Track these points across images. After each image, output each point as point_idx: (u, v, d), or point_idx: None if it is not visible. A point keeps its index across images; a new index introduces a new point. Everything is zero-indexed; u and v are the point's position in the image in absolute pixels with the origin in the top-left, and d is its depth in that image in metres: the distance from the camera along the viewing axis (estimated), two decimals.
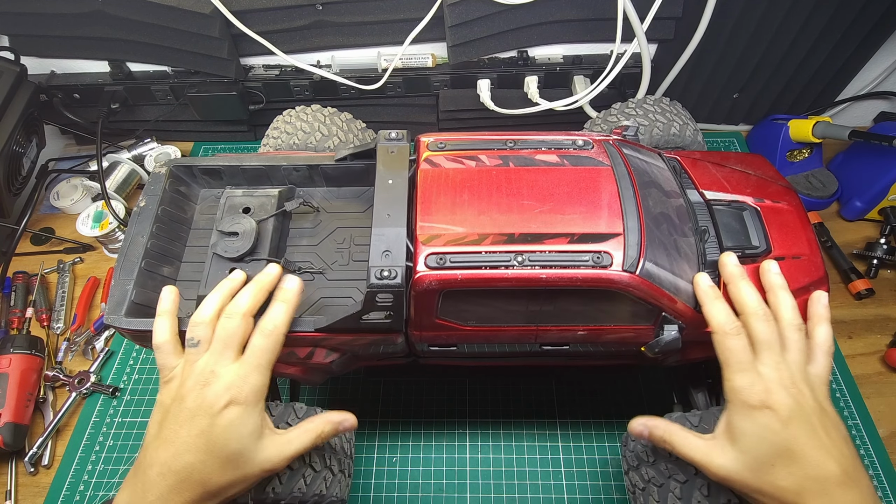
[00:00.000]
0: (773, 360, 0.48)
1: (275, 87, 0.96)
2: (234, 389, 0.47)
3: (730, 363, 0.49)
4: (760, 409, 0.46)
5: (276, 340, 0.49)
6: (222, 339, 0.49)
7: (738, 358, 0.48)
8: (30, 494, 0.71)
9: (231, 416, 0.46)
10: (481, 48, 0.90)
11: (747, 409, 0.47)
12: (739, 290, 0.52)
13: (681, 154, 0.66)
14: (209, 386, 0.47)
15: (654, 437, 0.52)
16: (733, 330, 0.49)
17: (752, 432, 0.46)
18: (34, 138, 0.94)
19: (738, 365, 0.48)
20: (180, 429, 0.46)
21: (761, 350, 0.49)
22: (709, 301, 0.52)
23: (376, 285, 0.49)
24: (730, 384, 0.48)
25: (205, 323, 0.50)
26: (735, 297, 0.52)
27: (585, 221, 0.51)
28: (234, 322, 0.49)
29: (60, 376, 0.78)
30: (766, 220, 0.60)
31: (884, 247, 0.86)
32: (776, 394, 0.46)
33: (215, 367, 0.48)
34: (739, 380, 0.48)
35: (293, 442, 0.49)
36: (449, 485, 0.69)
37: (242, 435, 0.47)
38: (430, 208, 0.52)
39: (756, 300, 0.51)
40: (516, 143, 0.57)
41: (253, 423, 0.47)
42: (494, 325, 0.54)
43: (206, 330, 0.49)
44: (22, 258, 0.92)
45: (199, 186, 0.65)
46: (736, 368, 0.48)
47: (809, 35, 0.86)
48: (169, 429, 0.47)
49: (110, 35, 0.89)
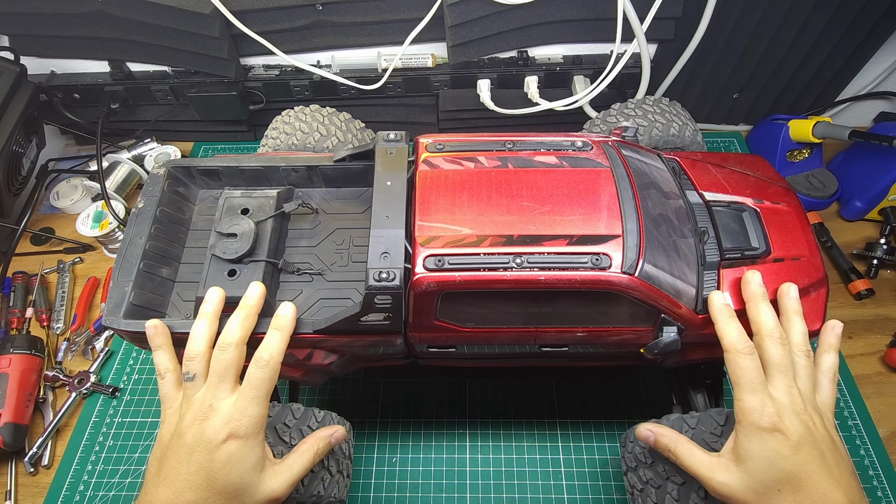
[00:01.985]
0: (785, 384, 0.48)
1: (275, 87, 0.96)
2: (232, 423, 0.46)
3: (741, 383, 0.48)
4: (771, 432, 0.45)
5: (272, 370, 0.49)
6: (218, 373, 0.48)
7: (749, 378, 0.47)
8: (30, 494, 0.71)
9: (231, 450, 0.46)
10: (481, 48, 0.90)
11: (757, 430, 0.46)
12: (759, 311, 0.51)
13: (680, 155, 0.66)
14: (208, 420, 0.47)
15: (659, 445, 0.52)
16: (746, 349, 0.48)
17: (760, 455, 0.45)
18: (34, 138, 0.94)
19: (750, 385, 0.47)
20: (180, 466, 0.46)
21: (774, 373, 0.48)
22: (723, 319, 0.51)
23: (375, 287, 0.49)
24: (740, 404, 0.47)
25: (199, 355, 0.49)
26: (753, 317, 0.51)
27: (584, 223, 0.51)
28: (228, 354, 0.48)
29: (60, 376, 0.78)
30: (766, 221, 0.60)
31: (884, 247, 0.86)
32: (788, 418, 0.46)
33: (213, 401, 0.47)
34: (751, 400, 0.47)
35: (294, 467, 0.50)
36: (449, 485, 0.70)
37: (244, 469, 0.46)
38: (428, 210, 0.52)
39: (774, 323, 0.50)
40: (515, 145, 0.57)
41: (254, 456, 0.47)
42: (493, 326, 0.54)
43: (200, 363, 0.49)
44: (22, 258, 0.92)
45: (197, 187, 0.65)
46: (747, 388, 0.47)
47: (809, 35, 0.86)
48: (168, 466, 0.47)
49: (110, 35, 0.89)
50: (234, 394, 0.48)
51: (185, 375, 0.49)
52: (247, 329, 0.50)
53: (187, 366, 0.49)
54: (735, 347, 0.49)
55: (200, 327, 0.50)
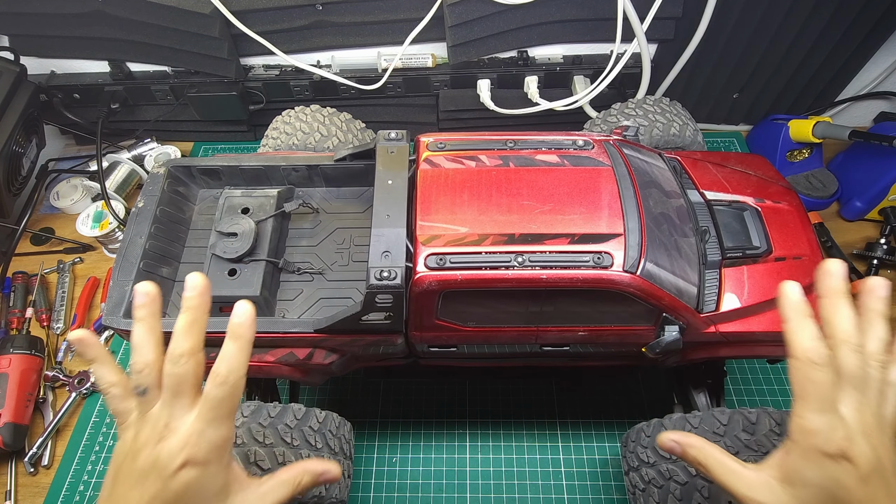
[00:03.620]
0: (856, 401, 0.41)
1: (275, 87, 0.96)
2: (189, 448, 0.40)
3: (808, 399, 0.41)
4: (837, 459, 0.39)
5: (231, 387, 0.41)
6: (171, 388, 0.41)
7: (820, 394, 0.40)
8: (30, 494, 0.71)
9: (187, 479, 0.40)
10: (481, 48, 0.90)
11: (819, 455, 0.40)
12: (838, 310, 0.42)
13: (681, 154, 0.66)
14: (164, 441, 0.41)
15: (687, 456, 0.47)
16: (822, 359, 0.40)
17: (820, 483, 0.40)
18: (34, 138, 0.94)
19: (819, 403, 0.40)
20: (131, 492, 0.40)
21: (846, 388, 0.41)
22: (797, 318, 0.42)
23: (376, 286, 0.49)
24: (803, 422, 0.41)
25: (148, 366, 0.42)
26: (829, 317, 0.43)
27: (586, 222, 0.51)
28: (180, 367, 0.41)
29: (60, 376, 0.78)
30: (767, 220, 0.60)
31: (884, 247, 0.86)
32: (858, 445, 0.39)
33: (169, 420, 0.41)
34: (817, 421, 0.40)
35: (267, 497, 0.44)
36: (449, 485, 0.69)
37: (204, 498, 0.41)
38: (429, 208, 0.52)
39: (854, 327, 0.42)
40: (516, 144, 0.57)
41: (216, 484, 0.42)
42: (495, 325, 0.54)
43: (150, 375, 0.42)
44: (22, 258, 0.92)
45: (197, 187, 0.65)
46: (815, 407, 0.40)
47: (809, 35, 0.86)
48: (119, 492, 0.41)
49: (110, 35, 0.89)
50: (192, 410, 0.42)
51: (136, 389, 0.42)
52: (197, 336, 0.42)
53: (137, 379, 0.42)
54: (808, 356, 0.41)
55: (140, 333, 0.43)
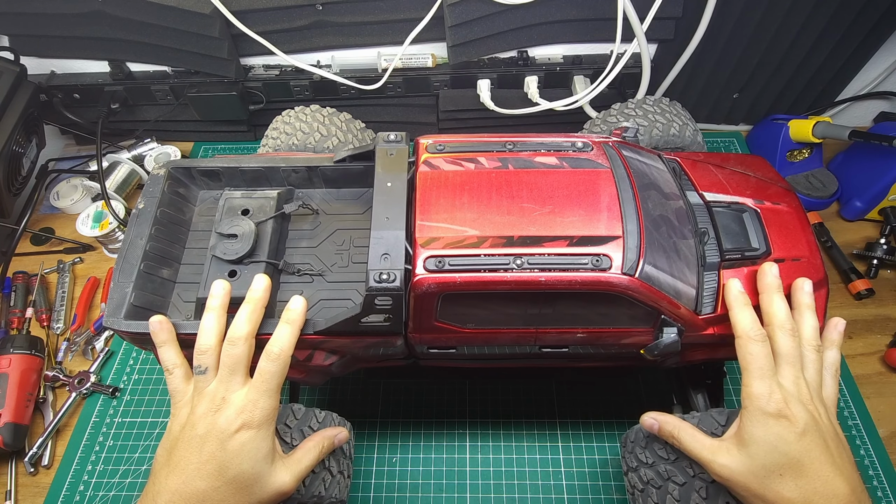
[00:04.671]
0: (793, 374, 0.49)
1: (275, 87, 0.96)
2: (245, 414, 0.47)
3: (750, 368, 0.49)
4: (777, 417, 0.46)
5: (283, 364, 0.49)
6: (228, 366, 0.49)
7: (759, 364, 0.48)
8: (30, 494, 0.71)
9: (243, 440, 0.47)
10: (481, 48, 0.90)
11: (763, 415, 0.47)
12: (773, 302, 0.52)
13: (680, 155, 0.66)
14: (221, 412, 0.48)
15: (663, 431, 0.53)
16: (758, 336, 0.49)
17: (765, 439, 0.46)
18: (34, 138, 0.94)
19: (759, 371, 0.48)
20: (191, 455, 0.46)
21: (783, 363, 0.49)
22: (738, 306, 0.52)
23: (375, 288, 0.49)
24: (748, 389, 0.48)
25: (210, 349, 0.50)
26: (766, 308, 0.52)
27: (585, 224, 0.51)
28: (238, 349, 0.49)
29: (60, 376, 0.78)
30: (766, 221, 0.60)
31: (884, 247, 0.86)
32: (794, 406, 0.47)
33: (225, 394, 0.48)
34: (758, 386, 0.48)
35: (302, 461, 0.51)
36: (449, 485, 0.70)
37: (256, 459, 0.47)
38: (429, 210, 0.52)
39: (787, 315, 0.51)
40: (515, 145, 0.57)
41: (266, 447, 0.48)
42: (494, 327, 0.54)
43: (211, 357, 0.50)
44: (22, 258, 0.92)
45: (197, 188, 0.65)
46: (756, 374, 0.48)
47: (809, 35, 0.86)
48: (179, 455, 0.47)
49: (110, 35, 0.89)
50: (245, 386, 0.49)
51: (196, 369, 0.50)
52: (254, 324, 0.51)
53: (199, 359, 0.50)
54: (747, 334, 0.50)
55: (209, 321, 0.51)
